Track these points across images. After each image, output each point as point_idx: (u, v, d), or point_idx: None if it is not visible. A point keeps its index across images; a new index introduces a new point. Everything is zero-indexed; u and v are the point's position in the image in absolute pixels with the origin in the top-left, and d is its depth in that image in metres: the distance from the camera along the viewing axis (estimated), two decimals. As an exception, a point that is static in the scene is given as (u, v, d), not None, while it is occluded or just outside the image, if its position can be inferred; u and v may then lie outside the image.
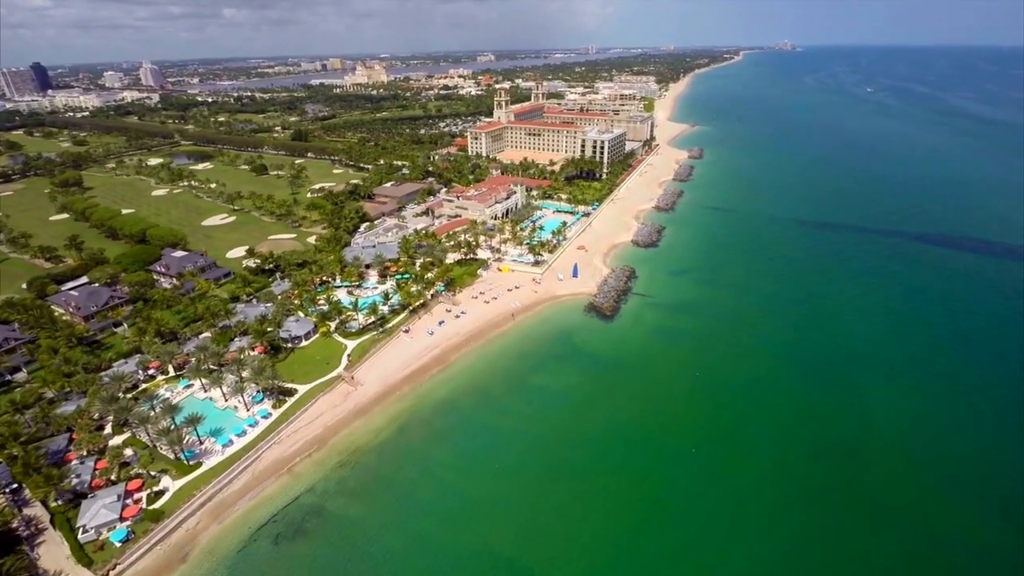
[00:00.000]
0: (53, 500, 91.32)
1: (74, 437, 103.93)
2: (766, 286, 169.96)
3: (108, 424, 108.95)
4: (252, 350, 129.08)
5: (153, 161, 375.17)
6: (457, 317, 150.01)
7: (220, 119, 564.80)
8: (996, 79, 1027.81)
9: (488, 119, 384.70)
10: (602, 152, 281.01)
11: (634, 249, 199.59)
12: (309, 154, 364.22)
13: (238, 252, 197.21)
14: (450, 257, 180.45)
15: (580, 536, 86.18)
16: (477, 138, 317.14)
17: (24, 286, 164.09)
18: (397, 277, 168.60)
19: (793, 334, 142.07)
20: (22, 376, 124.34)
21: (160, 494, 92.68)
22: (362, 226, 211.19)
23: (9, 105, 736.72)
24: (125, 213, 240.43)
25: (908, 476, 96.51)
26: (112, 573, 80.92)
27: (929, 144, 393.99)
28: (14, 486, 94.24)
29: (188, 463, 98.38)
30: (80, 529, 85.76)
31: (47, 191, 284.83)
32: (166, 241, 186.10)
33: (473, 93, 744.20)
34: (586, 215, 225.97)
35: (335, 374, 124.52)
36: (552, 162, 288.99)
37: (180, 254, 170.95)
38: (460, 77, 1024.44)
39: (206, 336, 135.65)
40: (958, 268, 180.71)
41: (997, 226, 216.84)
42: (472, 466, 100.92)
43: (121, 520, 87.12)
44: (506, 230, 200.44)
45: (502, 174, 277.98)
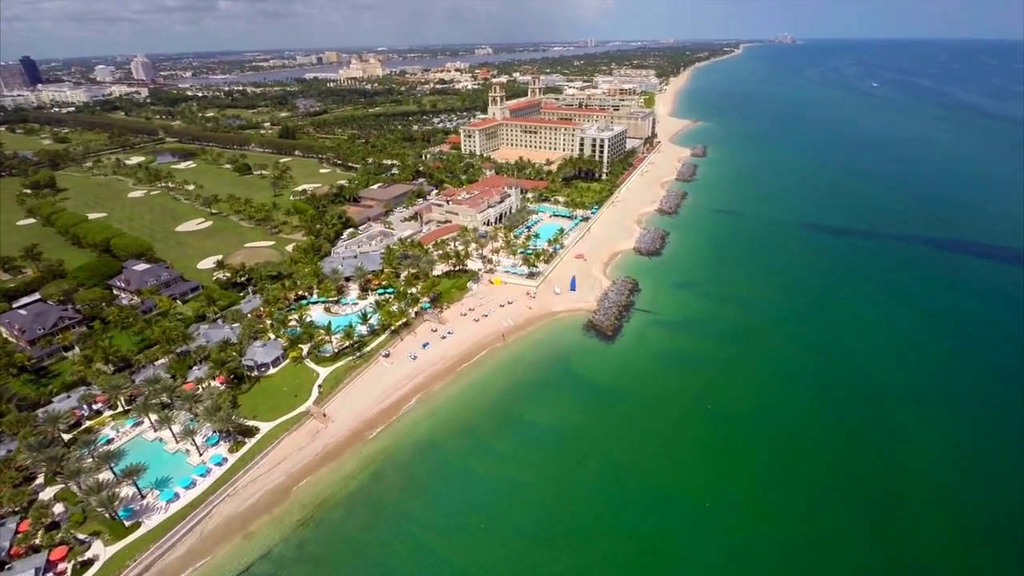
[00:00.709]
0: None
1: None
2: (777, 300, 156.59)
3: (41, 474, 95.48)
4: (212, 380, 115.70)
5: (135, 159, 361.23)
6: (443, 338, 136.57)
7: (208, 115, 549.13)
8: (1000, 73, 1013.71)
9: (484, 115, 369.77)
10: (602, 151, 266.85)
11: (636, 258, 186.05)
12: (296, 152, 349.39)
13: (210, 262, 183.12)
14: (438, 268, 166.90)
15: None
16: (470, 136, 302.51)
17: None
18: (379, 292, 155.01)
19: (811, 357, 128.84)
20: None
21: (88, 564, 79.50)
22: (345, 233, 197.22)
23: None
24: (93, 218, 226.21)
25: (956, 536, 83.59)
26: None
27: (938, 141, 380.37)
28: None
29: (125, 524, 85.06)
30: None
31: (17, 193, 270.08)
32: (130, 251, 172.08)
33: (469, 87, 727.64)
34: (585, 220, 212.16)
35: (303, 408, 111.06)
36: (549, 161, 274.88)
37: (142, 267, 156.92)
38: (457, 71, 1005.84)
39: (163, 363, 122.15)
40: (975, 279, 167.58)
41: (1014, 230, 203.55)
42: (453, 525, 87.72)
43: (38, 601, 74.06)
44: (499, 237, 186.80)
45: (496, 174, 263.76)
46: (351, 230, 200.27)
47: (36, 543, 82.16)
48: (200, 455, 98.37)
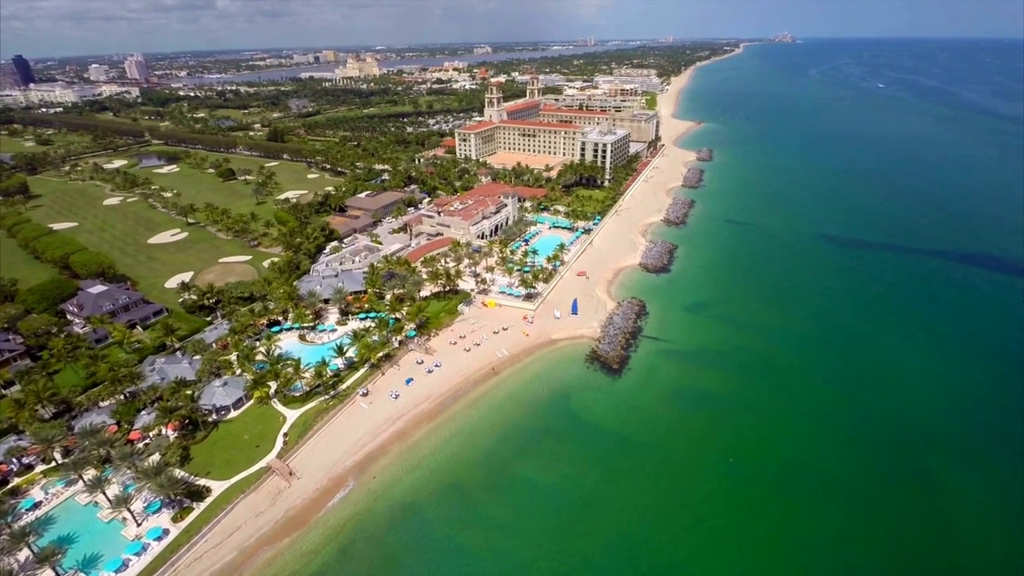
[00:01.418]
0: None
1: None
2: (800, 326, 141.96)
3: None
4: (163, 427, 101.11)
5: (118, 163, 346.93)
6: (429, 372, 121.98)
7: (198, 115, 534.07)
8: (1003, 72, 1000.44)
9: (480, 118, 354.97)
10: (604, 156, 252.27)
11: (642, 275, 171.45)
12: (284, 155, 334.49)
13: (181, 279, 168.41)
14: (427, 288, 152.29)
15: None
16: (466, 140, 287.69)
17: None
18: (361, 316, 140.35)
19: (843, 397, 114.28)
20: None
21: None
22: (328, 247, 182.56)
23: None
24: (62, 228, 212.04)
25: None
26: None
27: (952, 144, 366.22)
28: None
29: (35, 623, 70.49)
30: None
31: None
32: (90, 269, 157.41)
33: (467, 87, 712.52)
34: (586, 231, 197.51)
35: (265, 462, 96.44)
36: (548, 167, 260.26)
37: (98, 289, 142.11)
38: (455, 70, 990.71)
39: (110, 406, 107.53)
40: (1014, 299, 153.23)
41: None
42: (433, 619, 73.32)
43: None
44: (494, 252, 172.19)
45: (493, 181, 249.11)
46: (334, 244, 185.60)
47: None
48: (138, 526, 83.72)
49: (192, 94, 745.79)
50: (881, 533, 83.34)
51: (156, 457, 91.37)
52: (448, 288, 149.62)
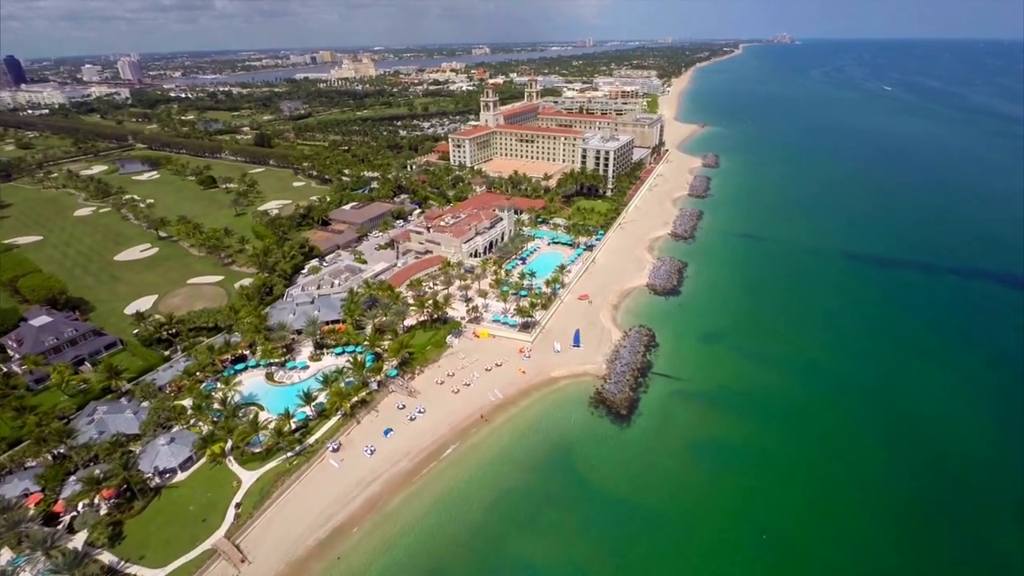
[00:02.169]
0: None
1: None
2: (829, 361, 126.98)
3: None
4: (95, 496, 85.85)
5: (97, 168, 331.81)
6: (411, 419, 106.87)
7: (186, 117, 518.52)
8: (1007, 73, 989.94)
9: (476, 122, 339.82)
10: (606, 164, 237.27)
11: (650, 298, 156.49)
12: (271, 161, 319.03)
13: (143, 304, 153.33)
14: (412, 315, 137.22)
15: None
16: (460, 145, 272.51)
17: None
18: (337, 351, 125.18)
19: (888, 453, 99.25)
20: None
21: None
22: (307, 266, 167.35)
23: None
24: (24, 243, 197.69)
25: None
26: None
27: (967, 149, 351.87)
28: None
29: None
30: None
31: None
32: (40, 295, 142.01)
33: (464, 89, 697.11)
34: (588, 248, 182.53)
35: (211, 543, 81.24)
36: (547, 175, 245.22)
37: (42, 320, 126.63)
38: (452, 71, 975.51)
39: (36, 467, 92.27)
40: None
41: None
42: None
43: None
44: (488, 273, 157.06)
45: (488, 191, 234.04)
46: (313, 263, 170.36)
47: None
48: (45, 635, 68.55)
49: (183, 95, 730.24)
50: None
51: (83, 536, 76.27)
52: (436, 317, 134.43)
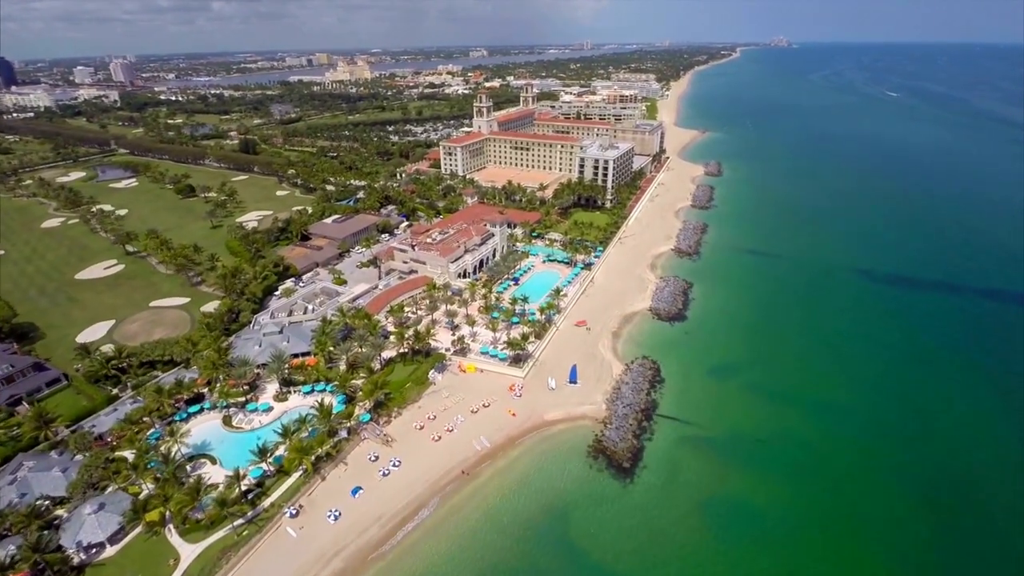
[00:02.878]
0: None
1: None
2: (855, 400, 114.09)
3: None
4: (2, 580, 72.30)
5: (74, 175, 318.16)
6: (384, 475, 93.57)
7: (173, 121, 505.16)
8: (1008, 77, 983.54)
9: (469, 128, 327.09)
10: (605, 174, 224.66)
11: (653, 324, 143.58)
12: (255, 168, 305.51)
13: (97, 331, 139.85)
14: (391, 346, 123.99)
15: None
16: (451, 153, 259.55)
17: None
18: (305, 390, 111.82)
19: (934, 519, 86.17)
20: None
21: None
22: (280, 287, 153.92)
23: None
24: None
25: None
26: None
27: (980, 157, 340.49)
28: None
29: None
30: None
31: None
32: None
33: (460, 92, 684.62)
34: (586, 266, 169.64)
35: (134, 644, 67.75)
36: (543, 185, 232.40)
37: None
38: (449, 74, 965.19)
39: (-62, 540, 78.63)
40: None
41: None
42: None
43: None
44: (476, 296, 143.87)
45: (480, 202, 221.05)
46: (288, 283, 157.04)
47: None
48: None
49: (174, 98, 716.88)
50: None
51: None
52: (417, 349, 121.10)
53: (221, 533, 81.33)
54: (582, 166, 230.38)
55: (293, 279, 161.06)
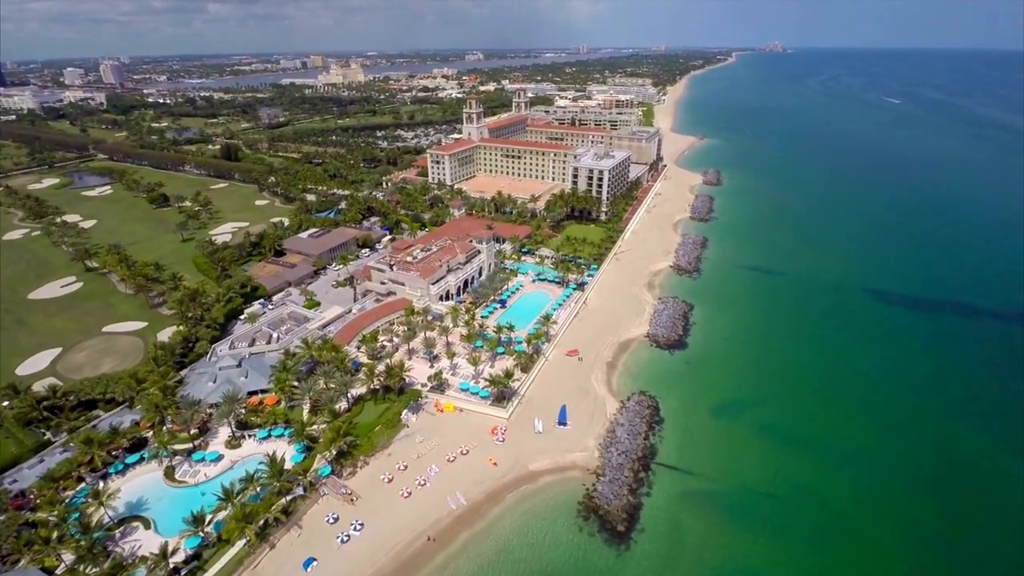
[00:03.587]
0: None
1: None
2: (879, 446, 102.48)
3: None
4: None
5: (48, 182, 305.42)
6: (343, 542, 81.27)
7: (160, 124, 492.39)
8: (1006, 84, 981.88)
9: (458, 135, 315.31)
10: (600, 185, 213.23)
11: (651, 352, 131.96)
12: (236, 176, 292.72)
13: (40, 361, 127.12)
14: (362, 380, 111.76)
15: None
16: (439, 162, 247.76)
17: None
18: (261, 435, 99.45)
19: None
20: None
21: None
22: (246, 311, 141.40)
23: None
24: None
25: None
26: None
27: (992, 167, 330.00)
28: None
29: None
30: None
31: None
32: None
33: (454, 96, 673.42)
34: (579, 286, 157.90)
35: None
36: (534, 196, 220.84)
37: None
38: (443, 77, 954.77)
39: None
40: None
41: None
42: None
43: None
44: (459, 322, 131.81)
45: (468, 215, 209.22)
46: (255, 306, 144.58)
47: None
48: None
49: (162, 100, 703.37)
50: None
51: None
52: (389, 386, 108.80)
53: (144, 622, 68.90)
54: (575, 176, 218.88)
55: (262, 300, 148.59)
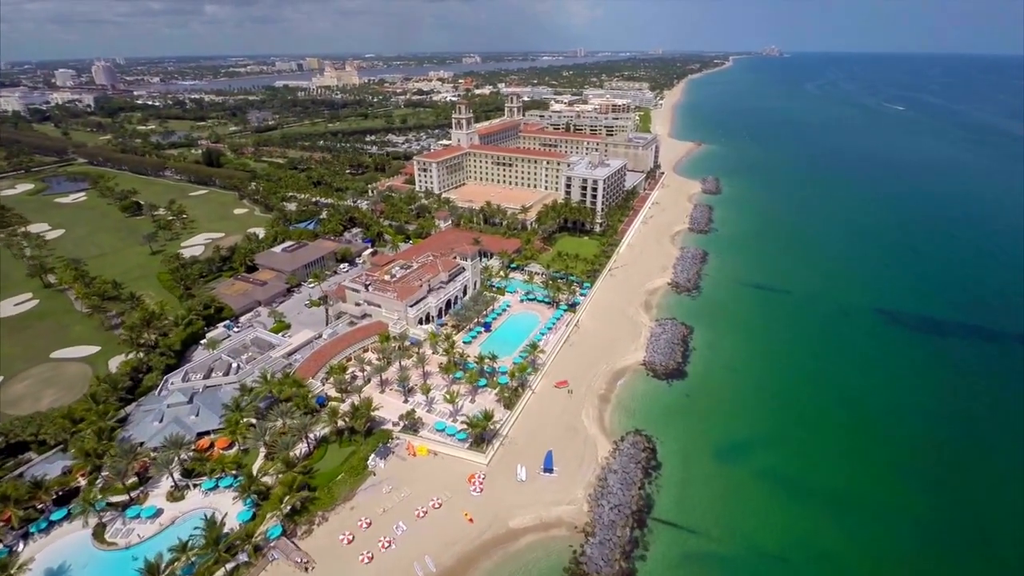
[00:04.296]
0: None
1: None
2: (899, 497, 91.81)
3: None
4: None
5: (23, 187, 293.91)
6: (291, 623, 69.94)
7: (144, 127, 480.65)
8: (1003, 89, 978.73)
9: (447, 142, 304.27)
10: (595, 195, 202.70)
11: (647, 383, 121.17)
12: (217, 182, 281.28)
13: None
14: (323, 423, 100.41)
15: None
16: (426, 169, 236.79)
17: None
18: (207, 485, 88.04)
19: None
20: None
21: None
22: (208, 335, 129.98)
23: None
24: None
25: None
26: None
27: (1003, 177, 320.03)
28: None
29: None
30: None
31: None
32: None
33: (448, 99, 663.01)
34: (571, 307, 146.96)
35: None
36: (525, 207, 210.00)
37: None
38: (439, 80, 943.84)
39: None
40: None
41: None
42: None
43: None
44: (439, 348, 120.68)
45: (455, 225, 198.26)
46: (220, 329, 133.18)
47: None
48: None
49: (151, 102, 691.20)
50: None
51: None
52: (355, 429, 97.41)
53: None
54: (568, 186, 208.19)
55: (227, 322, 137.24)
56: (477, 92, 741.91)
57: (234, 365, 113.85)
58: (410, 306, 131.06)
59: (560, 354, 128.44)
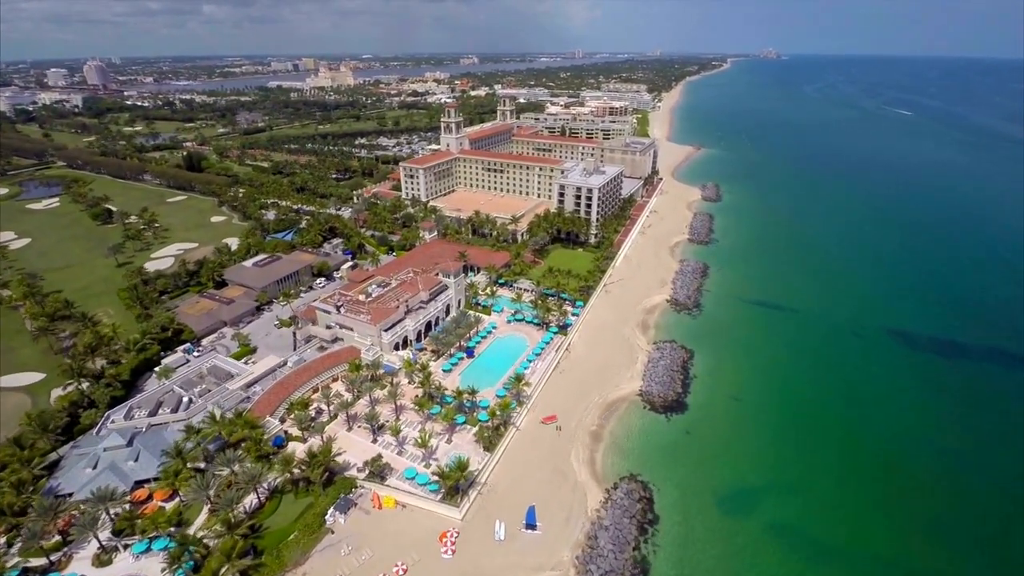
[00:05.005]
0: None
1: None
2: (933, 557, 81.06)
3: None
4: None
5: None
6: None
7: (131, 129, 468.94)
8: (1002, 92, 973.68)
9: (435, 146, 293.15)
10: (589, 204, 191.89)
11: (644, 416, 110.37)
12: (196, 187, 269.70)
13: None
14: (276, 472, 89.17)
15: None
16: (413, 176, 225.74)
17: None
18: (138, 548, 76.77)
19: None
20: None
21: None
22: (164, 361, 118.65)
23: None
24: None
25: None
26: None
27: (995, 177, 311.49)
28: None
29: None
30: None
31: None
32: None
33: (443, 101, 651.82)
34: (562, 328, 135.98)
35: None
36: (515, 217, 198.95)
37: None
38: (435, 81, 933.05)
39: None
40: None
41: None
42: None
43: None
44: (415, 379, 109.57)
45: (442, 237, 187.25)
46: (178, 353, 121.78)
47: None
48: None
49: (140, 103, 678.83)
50: None
51: None
52: (311, 477, 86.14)
53: None
54: (562, 195, 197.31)
55: (187, 346, 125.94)
56: (473, 94, 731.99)
57: (185, 399, 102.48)
58: (385, 330, 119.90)
59: (549, 383, 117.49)
